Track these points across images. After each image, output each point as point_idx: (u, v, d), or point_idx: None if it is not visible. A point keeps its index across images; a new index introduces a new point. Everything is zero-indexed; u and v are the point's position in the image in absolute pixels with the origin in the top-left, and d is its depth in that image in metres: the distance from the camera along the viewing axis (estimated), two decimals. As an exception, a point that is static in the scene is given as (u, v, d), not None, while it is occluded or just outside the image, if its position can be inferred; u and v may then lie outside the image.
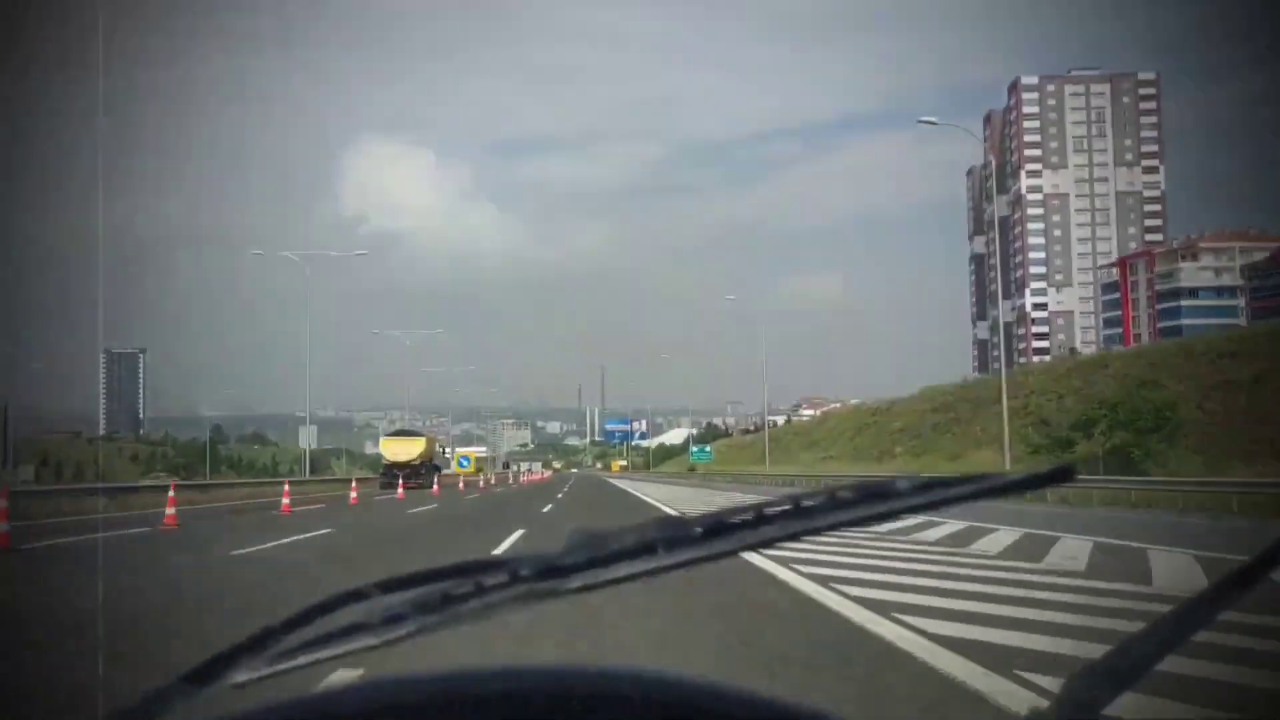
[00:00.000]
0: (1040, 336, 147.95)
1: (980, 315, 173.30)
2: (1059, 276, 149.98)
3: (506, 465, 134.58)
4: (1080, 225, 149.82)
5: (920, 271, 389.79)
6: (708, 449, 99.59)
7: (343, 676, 2.87)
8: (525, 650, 5.21)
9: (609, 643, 5.89)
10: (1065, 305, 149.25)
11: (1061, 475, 0.85)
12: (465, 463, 78.87)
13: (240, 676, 0.75)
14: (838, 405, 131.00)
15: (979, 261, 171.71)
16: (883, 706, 4.58)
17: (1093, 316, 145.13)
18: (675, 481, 66.58)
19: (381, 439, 59.69)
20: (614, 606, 6.66)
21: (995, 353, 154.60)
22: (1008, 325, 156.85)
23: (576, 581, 0.75)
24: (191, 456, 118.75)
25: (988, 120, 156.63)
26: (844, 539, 11.59)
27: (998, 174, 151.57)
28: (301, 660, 0.76)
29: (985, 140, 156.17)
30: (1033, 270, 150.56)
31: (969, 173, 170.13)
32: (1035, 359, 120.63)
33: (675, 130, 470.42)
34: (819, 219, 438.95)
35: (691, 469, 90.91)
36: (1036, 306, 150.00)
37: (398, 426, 73.46)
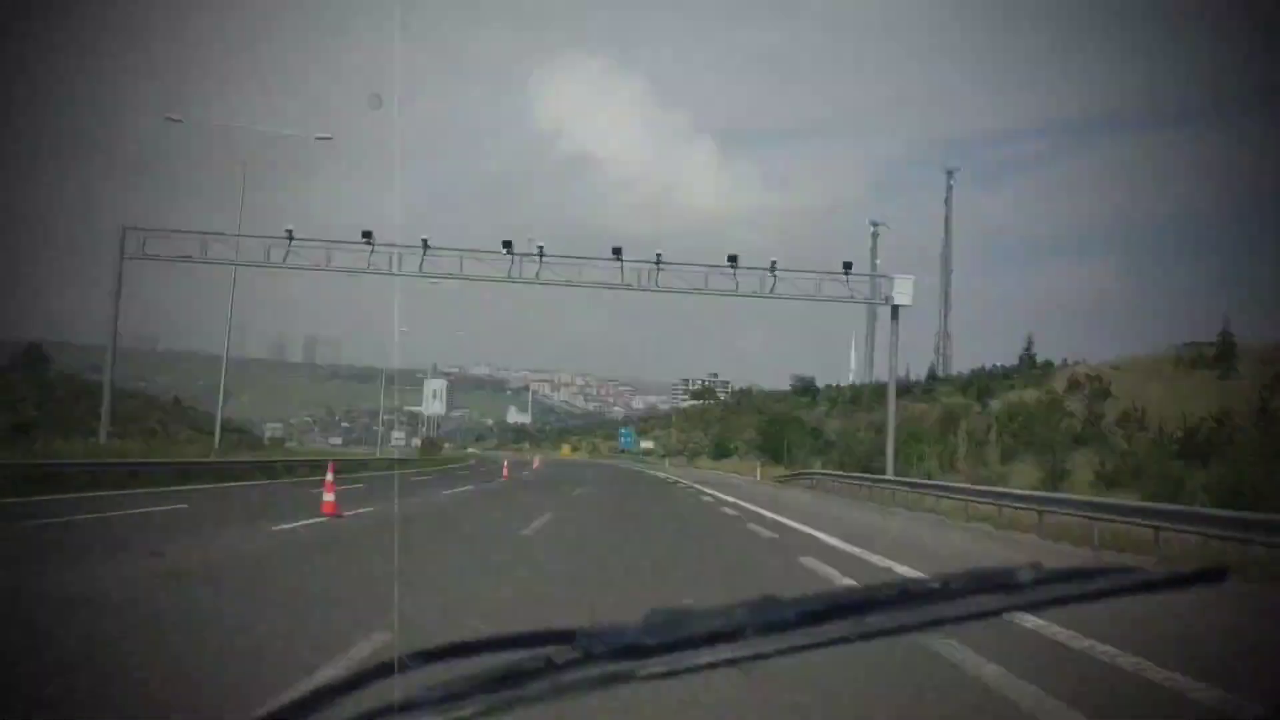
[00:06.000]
0: None
1: None
2: None
3: None
4: None
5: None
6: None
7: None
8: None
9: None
10: None
11: (1212, 576, 0.79)
12: None
13: None
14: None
15: None
16: None
17: None
18: None
19: None
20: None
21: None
22: None
23: (658, 665, 0.66)
24: None
25: None
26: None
27: None
28: None
29: None
30: None
31: None
32: None
33: (913, 126, 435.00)
34: (1067, 221, 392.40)
35: None
36: None
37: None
